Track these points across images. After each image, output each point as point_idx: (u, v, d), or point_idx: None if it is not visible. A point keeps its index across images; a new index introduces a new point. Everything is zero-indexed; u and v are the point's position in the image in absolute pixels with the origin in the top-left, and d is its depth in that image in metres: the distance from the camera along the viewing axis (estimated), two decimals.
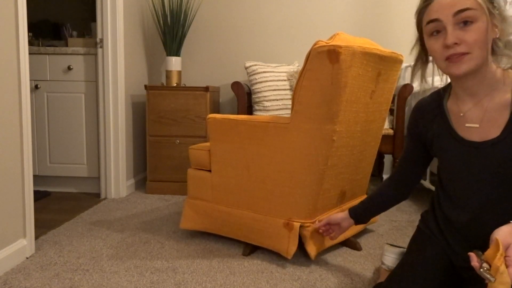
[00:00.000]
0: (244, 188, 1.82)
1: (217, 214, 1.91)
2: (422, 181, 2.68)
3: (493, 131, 0.99)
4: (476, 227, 1.05)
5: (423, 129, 1.17)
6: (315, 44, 1.51)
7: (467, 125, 1.04)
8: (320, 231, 1.63)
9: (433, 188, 2.02)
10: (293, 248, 1.66)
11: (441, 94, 1.14)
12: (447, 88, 1.13)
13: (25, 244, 1.74)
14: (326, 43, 1.49)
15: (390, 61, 1.75)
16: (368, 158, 1.93)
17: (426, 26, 0.99)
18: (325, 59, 1.50)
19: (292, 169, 1.65)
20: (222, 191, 1.90)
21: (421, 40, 1.08)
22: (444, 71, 1.00)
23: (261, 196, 1.77)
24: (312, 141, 1.60)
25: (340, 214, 1.55)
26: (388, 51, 1.70)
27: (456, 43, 0.93)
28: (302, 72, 1.57)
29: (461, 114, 1.05)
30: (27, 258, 1.75)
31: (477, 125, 1.02)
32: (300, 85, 1.58)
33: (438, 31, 0.97)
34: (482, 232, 1.01)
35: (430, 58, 1.09)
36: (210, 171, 1.93)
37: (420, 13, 1.02)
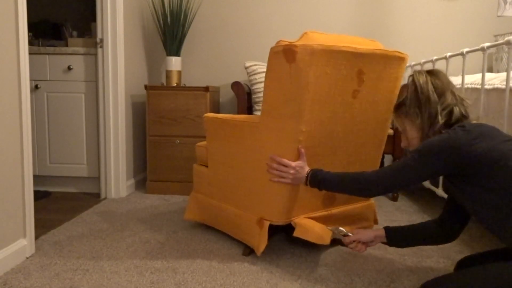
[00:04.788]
0: (229, 184, 1.87)
1: (211, 207, 2.00)
2: (429, 186, 2.59)
3: None
4: None
5: None
6: (275, 44, 1.53)
7: None
8: (350, 247, 1.59)
9: (445, 196, 1.95)
10: (262, 245, 1.68)
11: None
12: None
13: (25, 244, 1.74)
14: (286, 42, 1.49)
15: (376, 58, 1.63)
16: (364, 161, 1.87)
17: None
18: (282, 58, 1.49)
19: (265, 167, 1.66)
20: (214, 186, 1.97)
21: None
22: None
23: (242, 193, 1.82)
24: (278, 140, 1.61)
25: (372, 233, 1.56)
26: (369, 48, 1.59)
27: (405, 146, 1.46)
28: (266, 72, 1.59)
29: None
30: (27, 258, 1.75)
31: None
32: (265, 85, 1.60)
33: None
34: None
35: None
36: (207, 166, 2.02)
37: None
